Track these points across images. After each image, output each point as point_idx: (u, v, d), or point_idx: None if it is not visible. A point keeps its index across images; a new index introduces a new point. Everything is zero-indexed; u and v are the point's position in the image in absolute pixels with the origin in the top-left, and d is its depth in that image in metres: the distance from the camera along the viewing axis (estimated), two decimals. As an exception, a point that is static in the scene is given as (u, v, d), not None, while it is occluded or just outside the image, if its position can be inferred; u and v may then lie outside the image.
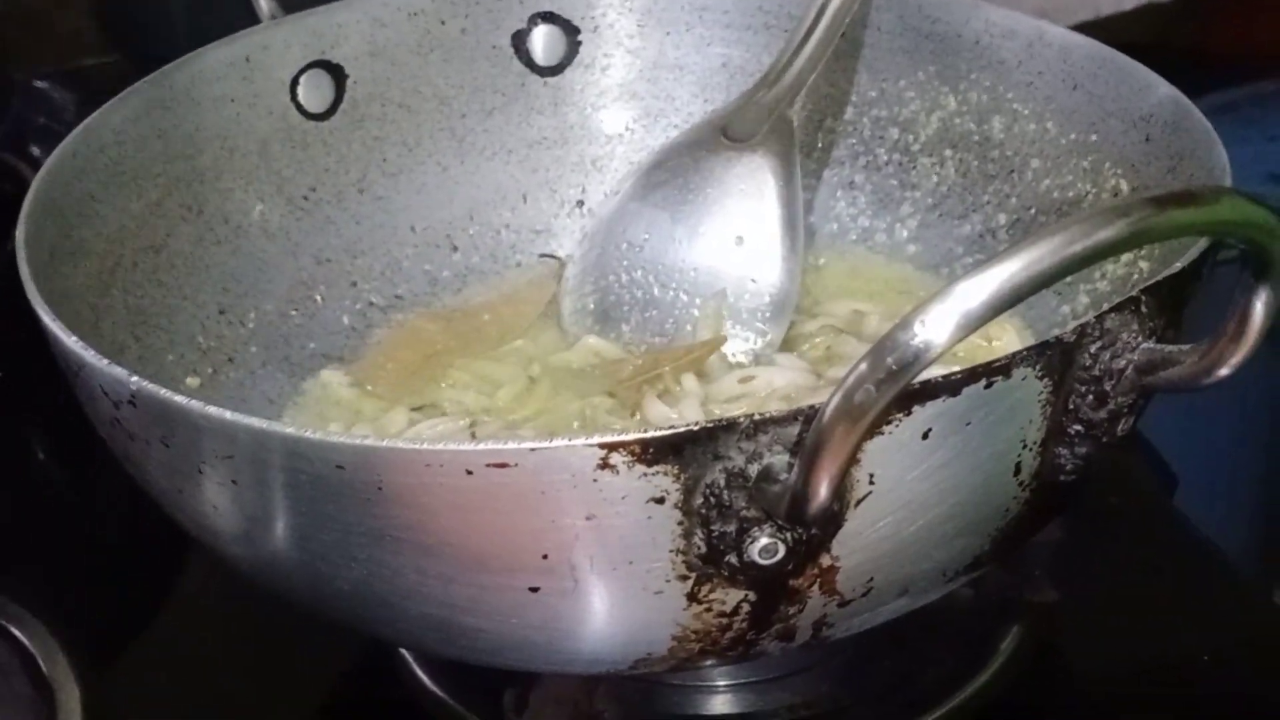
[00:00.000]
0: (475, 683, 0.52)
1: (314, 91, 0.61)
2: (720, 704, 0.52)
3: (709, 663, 0.42)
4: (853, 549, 0.38)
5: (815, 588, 0.39)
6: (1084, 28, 0.59)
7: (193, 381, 0.54)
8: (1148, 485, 0.62)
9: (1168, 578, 0.56)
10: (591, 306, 0.61)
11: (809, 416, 0.35)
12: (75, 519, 0.65)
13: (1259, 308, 0.35)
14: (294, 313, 0.59)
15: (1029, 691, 0.52)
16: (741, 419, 0.35)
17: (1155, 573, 0.57)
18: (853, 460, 0.34)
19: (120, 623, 0.58)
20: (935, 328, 0.31)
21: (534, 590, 0.38)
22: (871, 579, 0.40)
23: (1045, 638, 0.54)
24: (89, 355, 0.40)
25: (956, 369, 0.36)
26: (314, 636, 0.54)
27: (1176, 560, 0.58)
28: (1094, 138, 0.56)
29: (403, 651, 0.53)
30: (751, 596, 0.39)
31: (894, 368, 0.31)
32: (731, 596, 0.38)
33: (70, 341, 0.41)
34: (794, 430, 0.35)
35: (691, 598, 0.38)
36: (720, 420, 0.35)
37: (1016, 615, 0.54)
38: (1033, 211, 0.59)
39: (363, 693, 0.55)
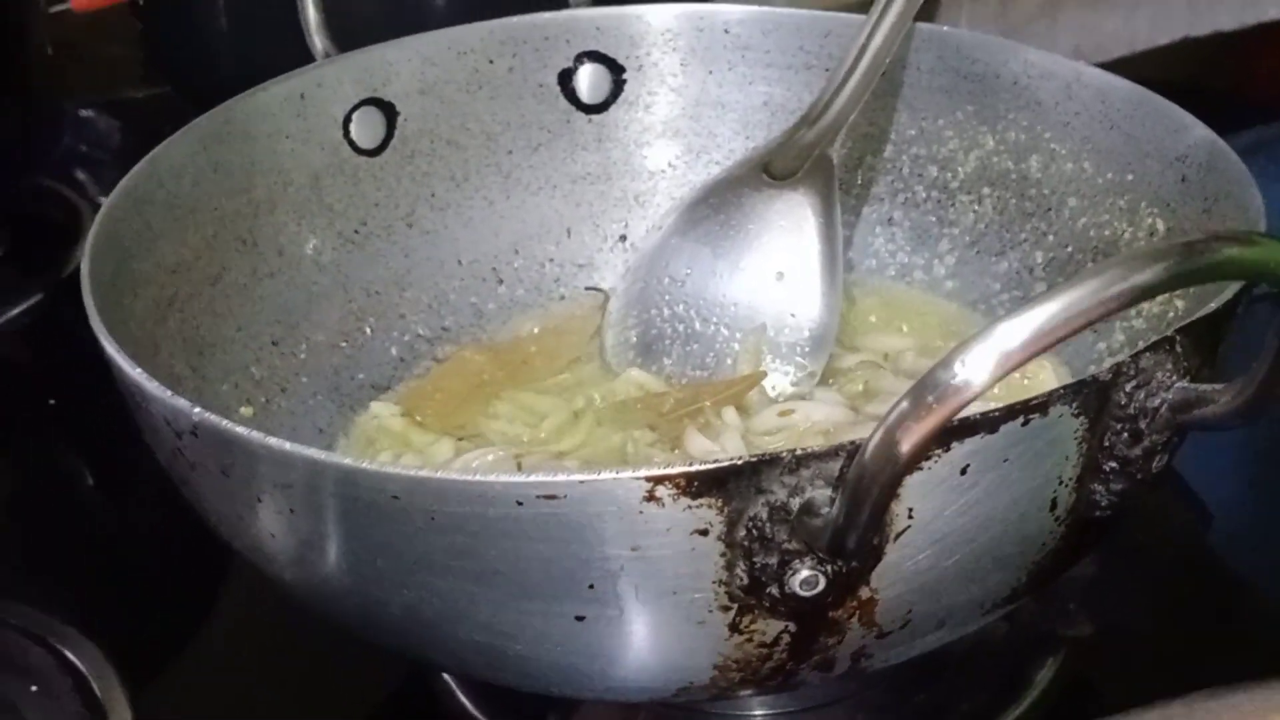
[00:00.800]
0: (518, 708, 0.53)
1: (366, 128, 0.62)
2: (758, 733, 0.53)
3: (749, 692, 0.43)
4: (892, 581, 0.39)
5: (854, 619, 0.40)
6: (1119, 63, 0.60)
7: (246, 411, 0.55)
8: (1181, 520, 0.62)
9: (1201, 613, 0.57)
10: (634, 339, 0.62)
11: (851, 452, 0.36)
12: (123, 541, 0.67)
13: (1291, 350, 0.35)
14: (344, 344, 0.61)
15: (1063, 725, 0.53)
16: (784, 454, 0.36)
17: (1189, 608, 0.57)
18: (893, 495, 0.35)
19: (169, 643, 0.59)
20: (976, 367, 0.32)
21: (580, 619, 0.39)
22: (910, 611, 0.41)
23: (1079, 671, 0.54)
24: (152, 387, 0.42)
25: (995, 406, 0.37)
26: (358, 658, 0.54)
27: (1209, 597, 0.58)
28: (1130, 177, 0.56)
29: (445, 675, 0.54)
30: (792, 627, 0.39)
31: (934, 405, 0.32)
32: (772, 627, 0.39)
33: (135, 374, 0.42)
34: (835, 465, 0.36)
35: (733, 628, 0.39)
36: (764, 455, 0.36)
37: (1051, 649, 0.54)
38: (1069, 250, 0.60)
39: (405, 715, 0.56)
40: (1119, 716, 0.44)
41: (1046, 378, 0.55)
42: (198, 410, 0.40)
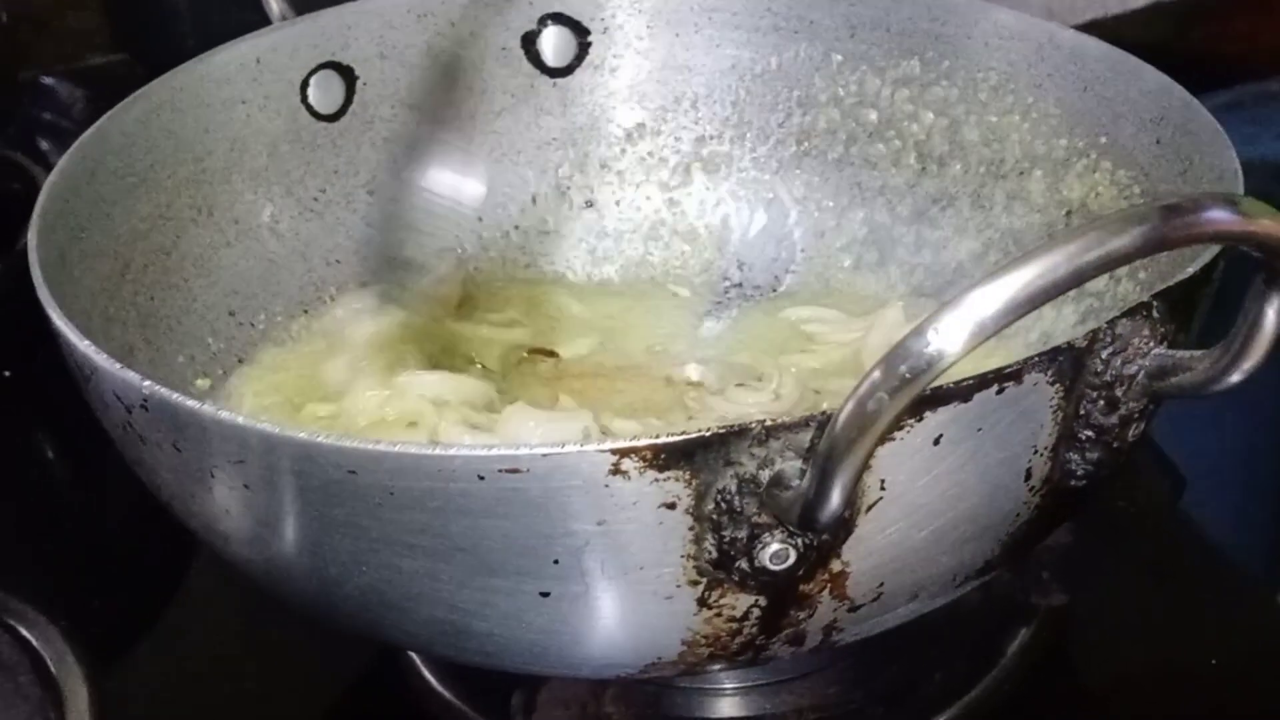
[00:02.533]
0: (483, 685, 0.52)
1: (324, 93, 0.61)
2: (728, 707, 0.52)
3: (718, 667, 0.42)
4: (863, 554, 0.38)
5: (825, 593, 0.39)
6: (1090, 27, 0.59)
7: (203, 383, 0.54)
8: (1156, 489, 0.61)
9: (1175, 582, 0.56)
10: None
11: (821, 423, 0.35)
12: (83, 518, 0.66)
13: (1270, 315, 0.35)
14: (304, 314, 0.60)
15: (1036, 695, 0.52)
16: (754, 425, 0.35)
17: (1163, 577, 0.57)
18: (865, 466, 0.34)
19: (128, 622, 0.59)
20: (949, 336, 0.32)
21: (545, 595, 0.38)
22: (882, 584, 0.40)
23: (1053, 641, 0.54)
24: (101, 359, 0.40)
25: (967, 375, 0.36)
26: (323, 637, 0.53)
27: (1184, 565, 0.58)
28: (1104, 140, 0.56)
29: (412, 654, 0.53)
30: (762, 601, 0.39)
31: (907, 375, 0.31)
32: (742, 601, 0.39)
33: (83, 346, 0.41)
34: (806, 436, 0.35)
35: (702, 603, 0.38)
36: (732, 426, 0.35)
37: (1024, 619, 0.54)
38: (1039, 216, 0.59)
39: (371, 694, 0.55)
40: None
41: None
42: (147, 383, 0.39)
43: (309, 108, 0.61)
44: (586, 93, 0.65)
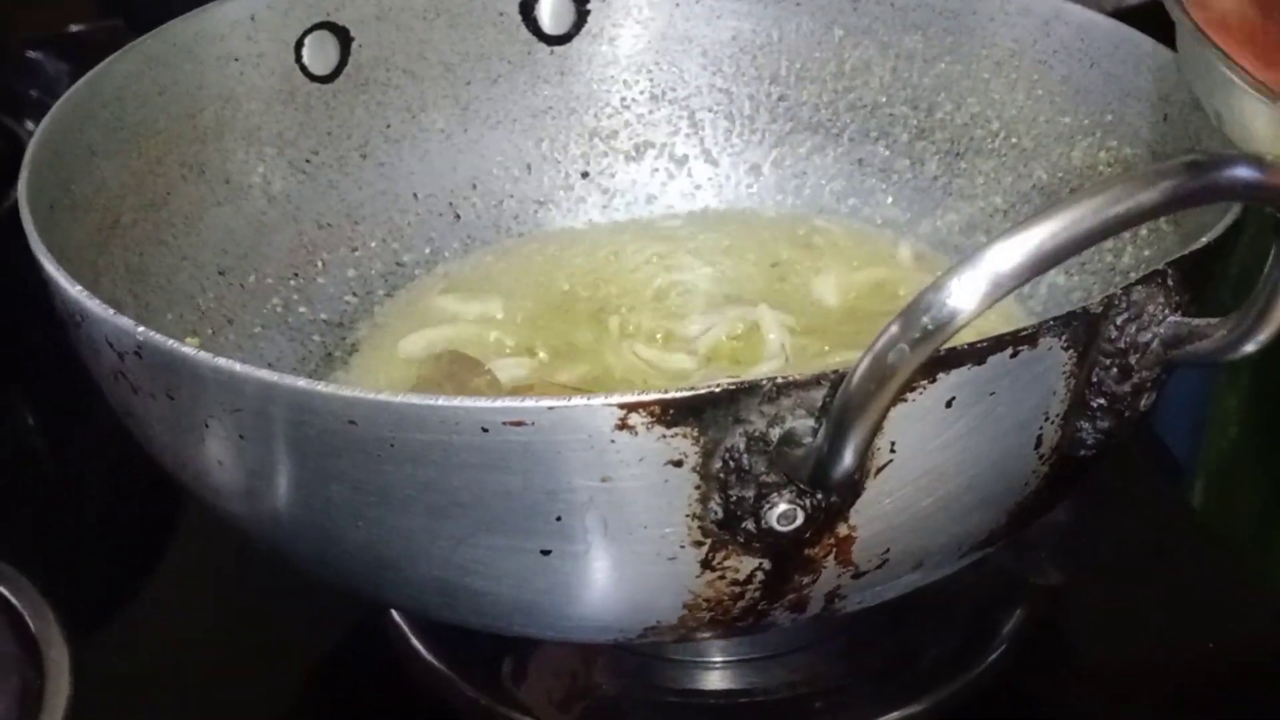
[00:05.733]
0: (472, 651, 0.51)
1: (319, 53, 0.60)
2: (719, 680, 0.51)
3: (718, 633, 0.41)
4: (870, 518, 0.38)
5: (831, 558, 0.38)
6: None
7: (192, 342, 0.52)
8: (1151, 471, 0.61)
9: (1172, 563, 0.56)
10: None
11: (835, 380, 0.34)
12: (66, 479, 0.65)
13: (1292, 280, 0.34)
14: (295, 277, 0.59)
15: (1031, 674, 0.51)
16: (764, 381, 0.35)
17: (1159, 557, 0.56)
18: (880, 424, 0.34)
19: (110, 583, 0.58)
20: (970, 289, 0.31)
21: (546, 553, 0.38)
22: (887, 550, 0.39)
23: (1048, 620, 0.53)
24: (94, 305, 0.40)
25: (983, 338, 0.36)
26: (308, 601, 0.53)
27: (1180, 545, 0.57)
28: (1109, 118, 0.55)
29: (397, 618, 0.52)
30: (766, 565, 0.38)
31: (930, 327, 0.31)
32: (746, 564, 0.38)
33: (75, 291, 0.40)
34: (818, 394, 0.35)
35: (705, 565, 0.38)
36: (742, 382, 0.35)
37: (1020, 598, 0.53)
38: (1042, 195, 0.58)
39: (354, 659, 0.54)
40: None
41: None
42: (141, 329, 0.38)
43: (303, 68, 0.60)
44: (584, 62, 0.64)
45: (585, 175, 0.65)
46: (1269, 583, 0.57)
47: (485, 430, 0.35)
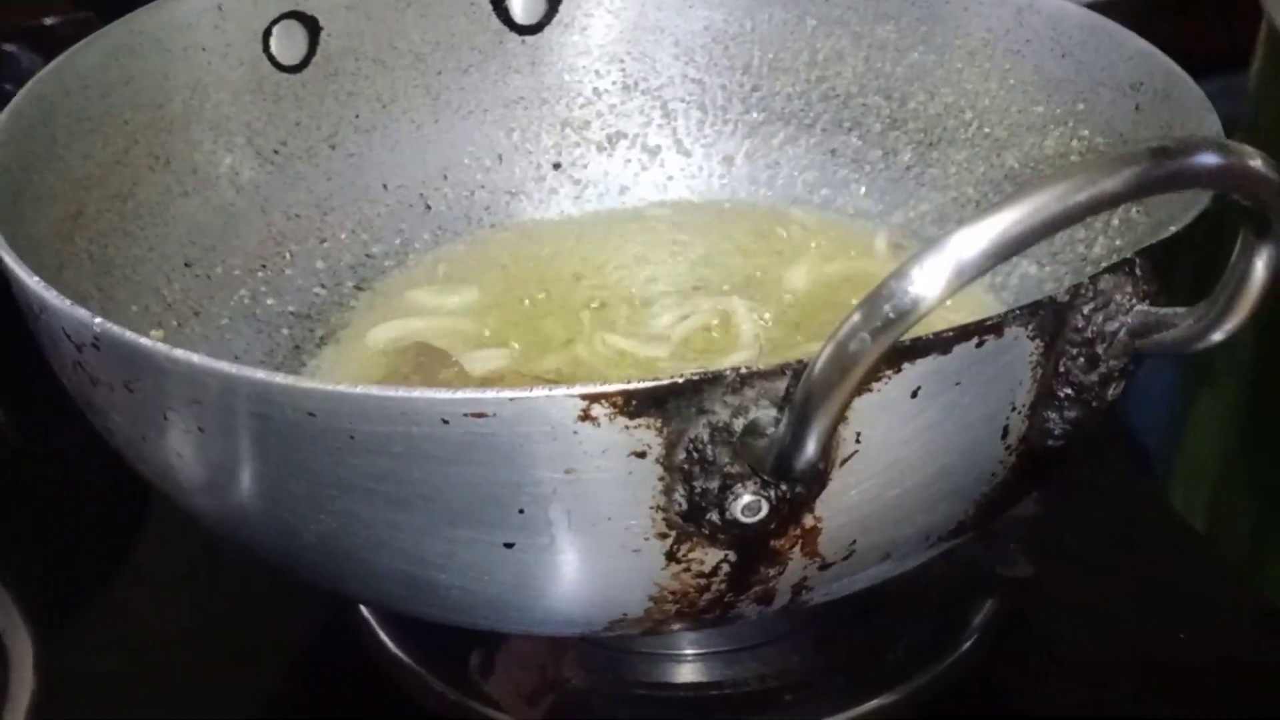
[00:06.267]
0: (440, 646, 0.51)
1: (287, 43, 0.59)
2: (688, 673, 0.51)
3: (684, 625, 0.41)
4: (836, 510, 0.37)
5: (797, 549, 0.38)
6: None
7: (156, 334, 0.53)
8: (1120, 462, 0.61)
9: (1142, 554, 0.56)
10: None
11: (798, 370, 0.34)
12: (32, 474, 0.64)
13: (1259, 267, 0.34)
14: (263, 269, 0.58)
15: (1001, 665, 0.51)
16: (728, 371, 0.34)
17: (1130, 548, 0.56)
18: (843, 413, 0.33)
19: (76, 579, 0.57)
20: (932, 277, 0.31)
21: (509, 546, 0.37)
22: (854, 542, 0.39)
23: (1018, 612, 0.53)
24: (51, 296, 0.39)
25: (948, 328, 0.36)
26: (277, 597, 0.53)
27: (1151, 536, 0.57)
28: (1081, 107, 0.55)
29: (366, 614, 0.52)
30: (731, 557, 0.38)
31: (891, 315, 0.31)
32: (711, 556, 0.38)
33: (32, 282, 0.40)
34: (781, 384, 0.34)
35: (670, 557, 0.37)
36: (706, 372, 0.34)
37: (990, 589, 0.53)
38: (1013, 185, 0.58)
39: (324, 656, 0.54)
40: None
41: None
42: (99, 320, 0.37)
43: (271, 58, 0.59)
44: (556, 51, 0.64)
45: (557, 166, 0.64)
46: (1239, 572, 0.57)
47: (446, 422, 0.34)
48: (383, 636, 0.52)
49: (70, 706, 0.50)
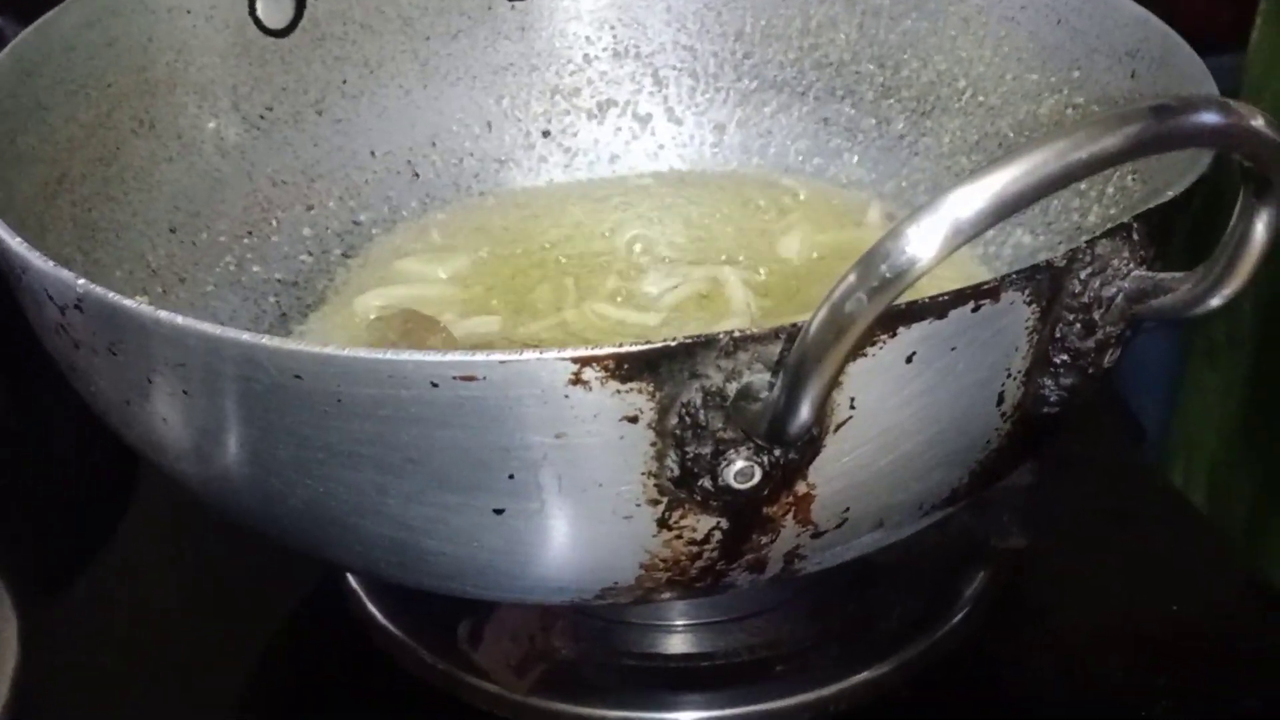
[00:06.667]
0: (429, 616, 0.50)
1: (274, 6, 0.59)
2: (679, 643, 0.50)
3: (676, 594, 0.40)
4: (829, 477, 0.37)
5: (789, 516, 0.38)
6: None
7: (141, 300, 0.51)
8: (1115, 435, 0.61)
9: (1135, 526, 0.56)
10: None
11: (791, 334, 0.33)
12: (17, 448, 0.63)
13: (1259, 229, 0.33)
14: (249, 235, 0.58)
15: (994, 636, 0.51)
16: (721, 335, 0.34)
17: (1123, 521, 0.56)
18: (838, 375, 0.33)
19: (62, 553, 0.57)
20: (929, 237, 0.30)
21: (499, 512, 0.37)
22: (847, 509, 0.38)
23: (1011, 583, 0.53)
24: (34, 257, 0.38)
25: (944, 292, 0.35)
26: (264, 567, 0.52)
27: (1144, 509, 0.57)
28: (1076, 74, 0.54)
29: (353, 584, 0.52)
30: (724, 524, 0.37)
31: (888, 275, 0.30)
32: (703, 523, 0.37)
33: (14, 243, 0.39)
34: (775, 348, 0.34)
35: (662, 524, 0.37)
36: (699, 336, 0.34)
37: (983, 561, 0.53)
38: (1004, 152, 0.57)
39: (311, 627, 0.53)
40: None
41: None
42: (82, 281, 0.37)
43: (257, 21, 0.58)
44: (546, 17, 0.63)
45: (547, 134, 0.64)
46: (1231, 546, 0.56)
47: (435, 385, 0.34)
48: (370, 606, 0.51)
49: (55, 677, 0.50)
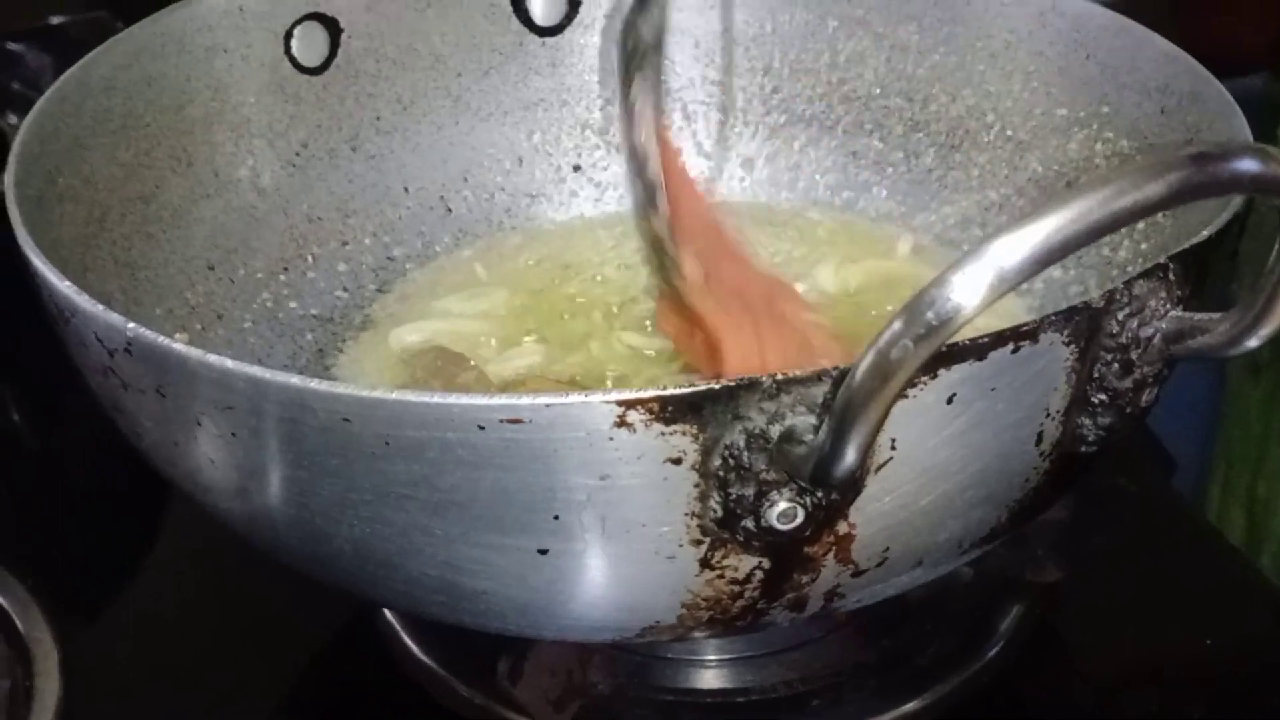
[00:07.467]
0: (464, 650, 0.50)
1: (308, 44, 0.59)
2: (714, 679, 0.51)
3: (716, 632, 0.41)
4: (870, 516, 0.37)
5: (830, 556, 0.38)
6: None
7: (181, 338, 0.52)
8: (1147, 468, 0.61)
9: (1169, 560, 0.56)
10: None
11: (836, 377, 0.34)
12: (53, 476, 0.64)
13: (1299, 273, 0.34)
14: (285, 272, 0.58)
15: (1028, 671, 0.51)
16: (764, 378, 0.34)
17: (1157, 555, 0.56)
18: (883, 421, 0.33)
19: (99, 581, 0.57)
20: (973, 284, 0.30)
21: (543, 552, 0.37)
22: (887, 548, 0.39)
23: (1046, 618, 0.53)
24: (83, 301, 0.39)
25: (983, 334, 0.35)
26: (299, 599, 0.52)
27: (1177, 543, 0.57)
28: (1106, 110, 0.55)
29: (390, 619, 0.52)
30: (765, 564, 0.38)
31: (934, 323, 0.30)
32: (745, 563, 0.37)
33: (64, 287, 0.39)
34: (819, 390, 0.34)
35: (704, 564, 0.37)
36: (742, 379, 0.34)
37: (1018, 595, 0.53)
38: (1037, 188, 0.58)
39: (348, 660, 0.54)
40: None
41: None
42: (132, 325, 0.37)
43: (292, 59, 0.59)
44: (576, 53, 0.64)
45: (577, 168, 0.64)
46: (1265, 579, 0.56)
47: (481, 428, 0.34)
48: (406, 639, 0.52)
49: (97, 709, 0.50)
